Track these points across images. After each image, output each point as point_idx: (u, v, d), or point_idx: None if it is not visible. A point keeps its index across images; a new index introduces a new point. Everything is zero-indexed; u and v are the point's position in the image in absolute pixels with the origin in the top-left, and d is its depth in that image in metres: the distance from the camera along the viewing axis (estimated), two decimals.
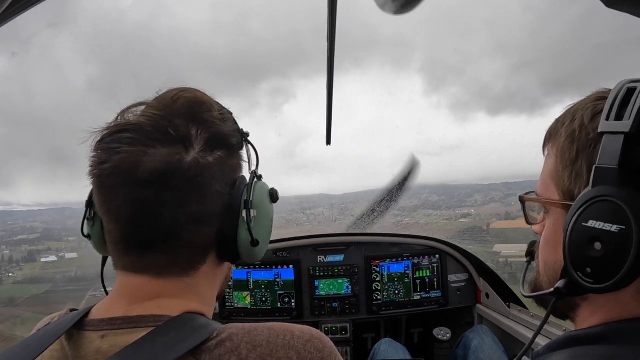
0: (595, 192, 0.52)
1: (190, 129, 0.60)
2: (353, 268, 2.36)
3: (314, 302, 2.33)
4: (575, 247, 0.53)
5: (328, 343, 0.62)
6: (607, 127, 0.52)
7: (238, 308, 2.32)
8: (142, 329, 0.56)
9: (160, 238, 0.59)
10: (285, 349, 0.57)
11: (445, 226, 5.47)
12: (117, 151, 0.56)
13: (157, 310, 0.59)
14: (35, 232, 5.36)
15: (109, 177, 0.57)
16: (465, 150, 6.35)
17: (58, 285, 5.01)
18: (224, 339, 0.56)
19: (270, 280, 2.33)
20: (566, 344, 0.57)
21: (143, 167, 0.55)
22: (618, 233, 0.49)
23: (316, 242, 2.41)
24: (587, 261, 0.52)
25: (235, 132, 0.67)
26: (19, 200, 5.03)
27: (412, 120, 7.30)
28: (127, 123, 0.59)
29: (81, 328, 0.59)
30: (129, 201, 0.57)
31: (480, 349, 1.92)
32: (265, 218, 0.69)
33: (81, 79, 7.37)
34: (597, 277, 0.51)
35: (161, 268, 0.61)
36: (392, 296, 2.36)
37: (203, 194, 0.60)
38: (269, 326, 0.60)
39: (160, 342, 0.54)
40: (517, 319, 2.06)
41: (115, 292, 0.62)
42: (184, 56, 14.73)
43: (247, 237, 0.64)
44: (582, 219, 0.52)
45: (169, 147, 0.57)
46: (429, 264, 2.38)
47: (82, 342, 0.58)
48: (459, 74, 14.18)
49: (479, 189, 6.21)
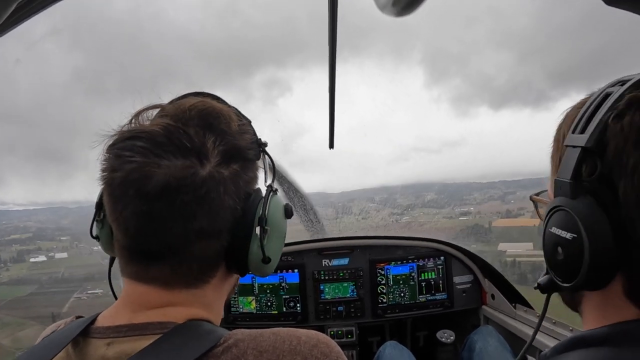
0: (555, 202, 0.56)
1: (206, 140, 0.58)
2: (358, 271, 2.35)
3: (319, 306, 2.33)
4: (545, 249, 0.58)
5: (335, 347, 0.62)
6: (570, 141, 0.55)
7: (243, 313, 2.32)
8: (148, 337, 0.56)
9: (168, 252, 0.58)
10: (291, 354, 0.57)
11: (446, 224, 5.46)
12: (128, 160, 0.55)
13: (162, 318, 0.58)
14: (28, 232, 5.28)
15: (119, 187, 0.56)
16: (466, 146, 6.35)
17: (44, 287, 4.94)
18: (231, 345, 0.56)
19: (275, 285, 2.33)
20: (572, 345, 0.58)
21: (154, 180, 0.54)
22: (572, 240, 0.53)
23: (320, 246, 2.41)
24: (554, 262, 0.56)
25: (253, 143, 0.65)
26: (14, 200, 4.94)
27: (412, 115, 7.26)
28: (141, 130, 0.58)
29: (87, 335, 0.59)
30: (138, 213, 0.56)
31: (485, 350, 1.91)
32: (278, 235, 0.68)
33: (66, 69, 7.11)
34: (563, 277, 0.56)
35: (168, 280, 0.60)
36: (397, 299, 2.35)
37: (215, 209, 0.59)
38: (274, 331, 0.60)
39: (166, 349, 0.54)
40: (523, 320, 2.05)
41: (122, 299, 0.62)
42: (173, 42, 14.29)
43: (259, 254, 0.63)
44: (549, 224, 0.57)
45: (183, 159, 0.56)
46: (434, 266, 2.38)
47: (87, 349, 0.57)
48: (461, 66, 14.00)
49: (477, 187, 6.22)
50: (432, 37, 65.31)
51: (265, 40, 70.40)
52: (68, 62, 62.60)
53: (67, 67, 62.48)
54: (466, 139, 26.55)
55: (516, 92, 62.53)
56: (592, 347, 0.55)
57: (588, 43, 61.95)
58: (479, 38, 70.04)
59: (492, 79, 62.06)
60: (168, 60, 66.60)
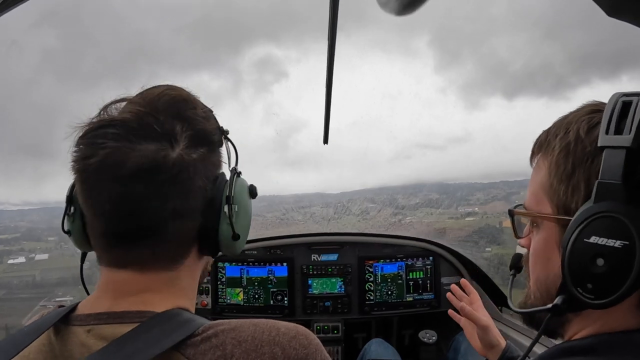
0: (598, 207, 0.51)
1: (175, 125, 0.61)
2: (346, 267, 2.36)
3: (306, 300, 2.34)
4: (575, 262, 0.52)
5: (314, 340, 0.62)
6: (608, 142, 0.52)
7: (230, 304, 2.33)
8: (127, 324, 0.57)
9: (145, 233, 0.60)
10: (270, 345, 0.57)
11: (454, 225, 5.40)
12: (102, 146, 0.56)
13: (141, 306, 0.59)
14: (18, 232, 5.16)
15: (95, 172, 0.57)
16: (472, 143, 6.22)
17: (13, 292, 4.71)
18: (210, 335, 0.56)
19: (264, 278, 2.34)
20: (558, 355, 0.57)
21: (129, 162, 0.56)
22: (621, 249, 0.48)
23: (310, 241, 2.41)
24: (588, 277, 0.51)
25: (216, 129, 0.69)
26: (8, 199, 4.91)
27: (416, 108, 7.09)
28: (112, 119, 0.59)
29: (68, 323, 0.60)
30: (114, 196, 0.57)
31: (470, 352, 1.92)
32: (245, 213, 0.70)
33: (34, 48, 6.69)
34: (598, 293, 0.51)
35: (145, 263, 0.61)
36: (384, 297, 2.36)
37: (187, 189, 0.61)
38: (254, 322, 0.60)
39: (143, 338, 0.55)
40: (509, 323, 2.06)
41: (100, 287, 0.63)
42: (147, 11, 13.02)
43: (229, 231, 0.66)
44: (584, 234, 0.52)
45: (155, 143, 0.58)
46: (423, 266, 2.38)
47: (68, 336, 0.58)
48: (473, 49, 13.34)
49: (479, 187, 6.15)
50: (442, 18, 57.22)
51: (256, 12, 57.06)
52: (35, 40, 53.94)
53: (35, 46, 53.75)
54: (472, 135, 25.36)
55: (533, 78, 57.18)
56: (579, 355, 0.54)
57: (614, 23, 58.04)
58: (495, 17, 62.61)
59: (508, 63, 55.44)
60: (143, 35, 54.09)
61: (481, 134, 7.92)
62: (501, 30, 18.58)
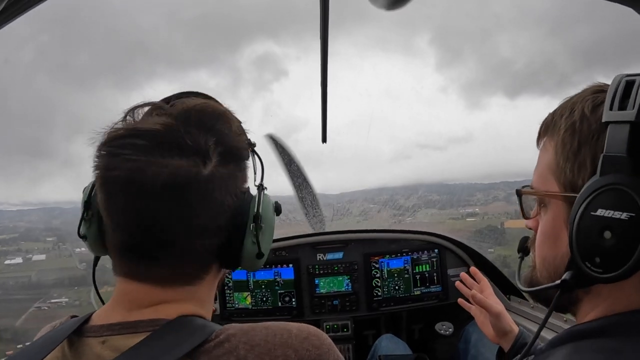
0: (604, 180, 0.51)
1: (208, 141, 0.59)
2: (352, 265, 2.36)
3: (314, 300, 2.33)
4: (583, 237, 0.53)
5: (326, 340, 0.62)
6: (612, 117, 0.52)
7: (239, 309, 2.32)
8: (140, 334, 0.56)
9: (169, 251, 0.59)
10: (282, 347, 0.57)
11: (455, 225, 5.38)
12: (127, 158, 0.54)
13: (154, 315, 0.59)
14: (16, 232, 5.10)
15: (119, 185, 0.55)
16: (473, 142, 6.23)
17: (8, 293, 4.63)
18: (222, 340, 0.56)
19: (270, 280, 2.33)
20: (568, 339, 0.58)
21: (157, 178, 0.54)
22: (628, 220, 0.49)
23: (315, 240, 2.41)
24: (596, 250, 0.51)
25: (246, 144, 0.67)
26: (7, 200, 4.88)
27: (417, 107, 7.08)
28: (140, 129, 0.57)
29: (82, 334, 0.59)
30: (139, 211, 0.56)
31: (481, 342, 1.91)
32: (270, 231, 0.69)
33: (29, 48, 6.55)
34: (607, 266, 0.51)
35: (166, 278, 0.60)
36: (392, 292, 2.36)
37: (215, 206, 0.60)
38: (266, 325, 0.60)
39: (157, 345, 0.54)
40: (518, 311, 2.05)
41: (115, 298, 0.62)
42: (141, 7, 12.84)
43: (254, 249, 0.65)
44: (591, 208, 0.52)
45: (186, 159, 0.56)
46: (428, 259, 2.38)
47: (83, 348, 0.58)
48: (475, 48, 13.29)
49: (479, 187, 6.15)
50: (444, 15, 56.08)
51: (255, 8, 56.22)
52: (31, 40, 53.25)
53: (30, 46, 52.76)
54: (473, 134, 25.02)
55: (535, 76, 56.21)
56: (589, 338, 0.54)
57: (620, 19, 57.01)
58: (498, 15, 61.65)
59: (510, 62, 54.31)
60: (141, 33, 52.97)
61: (482, 134, 7.94)
62: (504, 28, 18.72)
